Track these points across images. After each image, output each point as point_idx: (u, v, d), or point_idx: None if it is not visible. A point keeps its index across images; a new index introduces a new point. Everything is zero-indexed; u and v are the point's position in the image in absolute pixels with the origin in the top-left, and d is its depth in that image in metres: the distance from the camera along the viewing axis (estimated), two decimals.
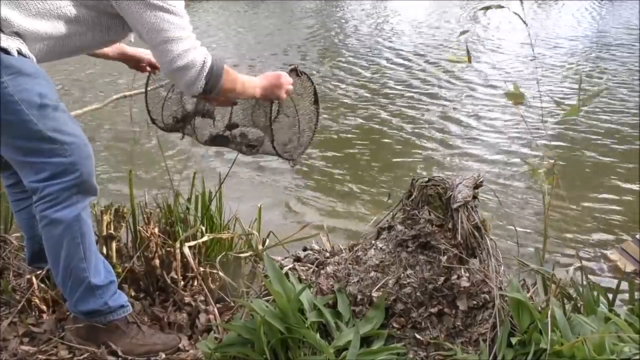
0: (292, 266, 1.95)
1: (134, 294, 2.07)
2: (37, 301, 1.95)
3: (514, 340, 1.56)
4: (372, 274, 1.80)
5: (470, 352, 1.62)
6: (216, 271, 2.09)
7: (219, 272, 2.09)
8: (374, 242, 1.92)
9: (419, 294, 1.73)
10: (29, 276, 1.99)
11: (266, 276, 1.78)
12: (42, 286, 1.98)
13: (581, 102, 1.74)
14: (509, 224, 2.94)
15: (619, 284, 1.93)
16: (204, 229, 2.34)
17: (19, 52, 1.51)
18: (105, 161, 4.16)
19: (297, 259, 2.02)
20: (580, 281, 1.92)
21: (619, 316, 1.66)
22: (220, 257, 2.22)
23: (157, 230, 2.15)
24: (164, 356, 1.79)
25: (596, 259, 2.88)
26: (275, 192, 3.73)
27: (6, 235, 2.34)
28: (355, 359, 1.56)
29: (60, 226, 1.61)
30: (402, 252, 1.82)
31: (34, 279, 1.96)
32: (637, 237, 2.79)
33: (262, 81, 1.82)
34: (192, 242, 2.19)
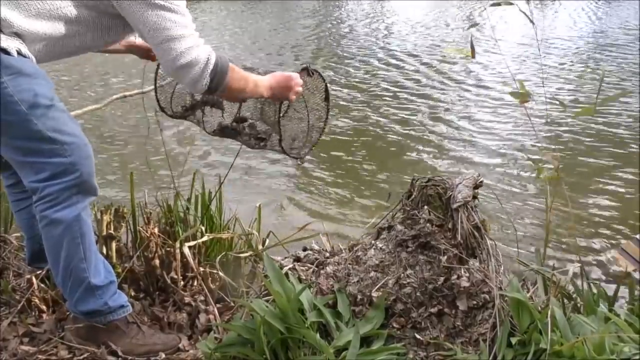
0: (292, 266, 1.95)
1: (134, 294, 2.07)
2: (37, 301, 1.95)
3: (513, 340, 1.56)
4: (372, 274, 1.80)
5: (470, 352, 1.62)
6: (216, 271, 2.09)
7: (219, 272, 2.09)
8: (373, 242, 1.92)
9: (419, 294, 1.73)
10: (29, 276, 1.99)
11: (266, 276, 1.77)
12: (42, 286, 1.98)
13: (598, 102, 1.73)
14: (508, 223, 2.94)
15: (619, 284, 1.93)
16: (203, 229, 2.34)
17: (19, 53, 1.51)
18: (105, 161, 4.16)
19: (297, 259, 2.02)
20: (580, 281, 1.92)
21: (618, 316, 1.66)
22: (220, 257, 2.22)
23: (157, 230, 2.15)
24: (163, 356, 1.79)
25: (596, 259, 2.88)
26: (275, 192, 3.73)
27: (6, 235, 2.34)
28: (355, 359, 1.55)
29: (60, 226, 1.61)
30: (402, 252, 1.82)
31: (34, 279, 1.96)
32: (637, 237, 2.78)
33: (270, 82, 1.78)
34: (192, 242, 2.19)
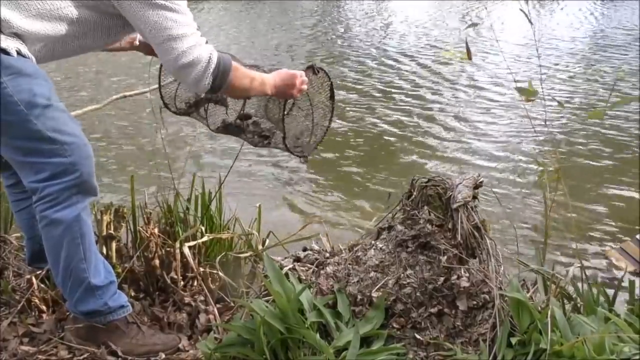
0: (292, 266, 1.94)
1: (133, 294, 2.07)
2: (37, 301, 1.95)
3: (513, 340, 1.56)
4: (372, 274, 1.80)
5: (470, 352, 1.62)
6: (216, 271, 2.09)
7: (219, 272, 2.09)
8: (373, 242, 1.92)
9: (418, 294, 1.73)
10: (28, 276, 1.98)
11: (266, 276, 1.77)
12: (42, 286, 1.98)
13: (608, 106, 1.73)
14: (508, 224, 2.94)
15: (619, 284, 1.93)
16: (203, 229, 2.34)
17: (19, 53, 1.51)
18: (105, 161, 4.16)
19: (297, 259, 2.01)
20: (580, 281, 1.92)
21: (618, 316, 1.66)
22: (220, 257, 2.21)
23: (157, 230, 2.15)
24: (163, 356, 1.79)
25: (596, 259, 2.88)
26: (275, 193, 3.73)
27: (6, 235, 2.34)
28: (355, 359, 1.55)
29: (60, 226, 1.61)
30: (402, 252, 1.82)
31: (33, 279, 1.95)
32: (637, 237, 2.79)
33: (275, 80, 1.78)
34: (192, 242, 2.19)
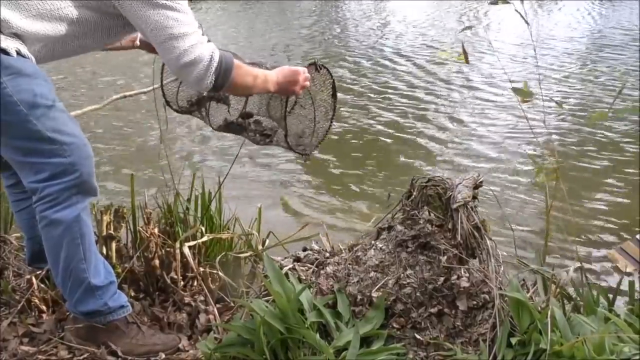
0: (292, 266, 1.95)
1: (133, 294, 2.07)
2: (36, 301, 1.95)
3: (513, 340, 1.56)
4: (372, 274, 1.80)
5: (470, 352, 1.62)
6: (216, 271, 2.09)
7: (219, 272, 2.09)
8: (373, 242, 1.92)
9: (418, 294, 1.73)
10: (28, 276, 1.98)
11: (266, 276, 1.77)
12: (42, 286, 1.98)
13: (612, 110, 1.73)
14: (508, 224, 2.94)
15: (619, 284, 1.93)
16: (203, 229, 2.34)
17: (18, 53, 1.51)
18: (104, 161, 4.16)
19: (297, 259, 2.02)
20: (580, 281, 1.92)
21: (618, 316, 1.66)
22: (220, 257, 2.21)
23: (157, 230, 2.15)
24: (163, 356, 1.79)
25: (596, 259, 2.88)
26: (274, 193, 3.73)
27: (6, 235, 2.34)
28: (355, 359, 1.55)
29: (60, 227, 1.61)
30: (402, 252, 1.82)
31: (33, 279, 1.95)
32: (637, 237, 2.78)
33: (277, 77, 1.77)
34: (192, 242, 2.19)
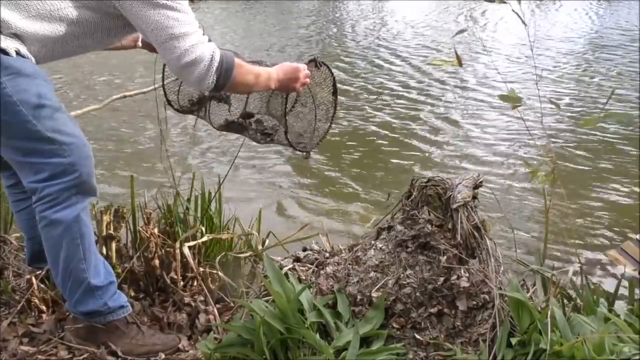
0: (291, 266, 1.95)
1: (133, 294, 2.07)
2: (36, 301, 1.95)
3: (513, 340, 1.56)
4: (372, 274, 1.80)
5: (470, 352, 1.62)
6: (216, 271, 2.09)
7: (219, 272, 2.09)
8: (373, 242, 1.91)
9: (418, 294, 1.73)
10: (28, 276, 1.98)
11: (266, 276, 1.77)
12: (42, 286, 1.98)
13: (602, 114, 1.73)
14: (507, 224, 2.94)
15: (619, 285, 1.92)
16: (203, 229, 2.34)
17: (18, 53, 1.51)
18: (104, 161, 4.16)
19: (297, 259, 2.02)
20: (580, 281, 1.92)
21: (618, 316, 1.67)
22: (220, 257, 2.21)
23: (156, 230, 2.15)
24: (163, 356, 1.79)
25: (596, 259, 2.88)
26: (274, 193, 3.73)
27: (6, 235, 2.34)
28: (354, 359, 1.55)
29: (59, 227, 1.61)
30: (401, 252, 1.82)
31: (33, 279, 1.95)
32: (637, 237, 2.78)
33: (278, 74, 1.78)
34: (192, 243, 2.19)
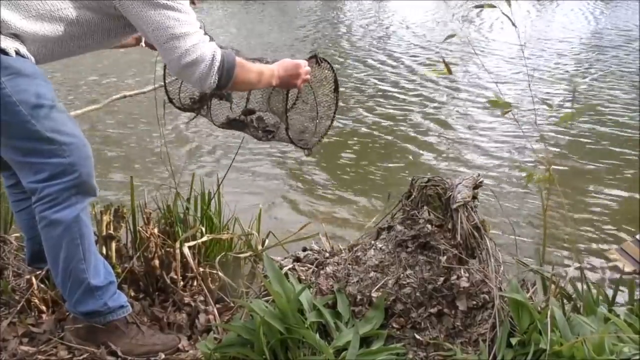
0: (291, 266, 1.95)
1: (133, 294, 2.07)
2: (36, 301, 1.95)
3: (513, 340, 1.56)
4: (372, 274, 1.80)
5: (469, 352, 1.62)
6: (216, 271, 2.09)
7: (219, 272, 2.09)
8: (373, 242, 1.92)
9: (418, 294, 1.73)
10: (28, 276, 1.98)
11: (266, 276, 1.78)
12: (42, 286, 1.98)
13: (575, 110, 1.74)
14: (507, 224, 2.94)
15: (619, 284, 1.92)
16: (203, 229, 2.34)
17: (17, 53, 1.51)
18: (104, 161, 4.16)
19: (297, 259, 2.02)
20: (579, 281, 1.92)
21: (618, 316, 1.66)
22: (219, 257, 2.21)
23: (156, 230, 2.15)
24: (163, 356, 1.79)
25: (596, 259, 2.88)
26: (274, 193, 3.73)
27: (6, 235, 2.34)
28: (354, 359, 1.56)
29: (59, 227, 1.61)
30: (401, 252, 1.82)
31: (33, 279, 1.95)
32: (637, 237, 2.79)
33: (279, 70, 1.78)
34: (192, 243, 2.19)
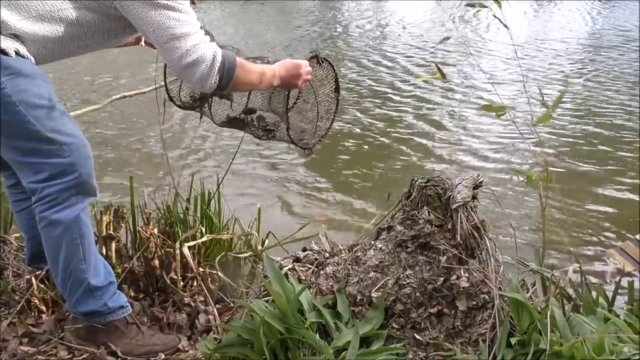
0: (291, 266, 1.95)
1: (133, 294, 2.07)
2: (36, 302, 1.95)
3: (513, 340, 1.56)
4: (372, 274, 1.80)
5: (469, 352, 1.62)
6: (216, 271, 2.09)
7: (219, 272, 2.09)
8: (373, 242, 1.91)
9: (418, 294, 1.73)
10: (28, 276, 1.98)
11: (266, 277, 1.78)
12: (42, 287, 1.98)
13: (550, 108, 1.74)
14: (507, 224, 2.94)
15: (618, 284, 1.93)
16: (203, 229, 2.34)
17: (17, 53, 1.51)
18: (104, 161, 4.16)
19: (297, 260, 2.02)
20: (579, 282, 1.92)
21: (618, 316, 1.66)
22: (219, 257, 2.21)
23: (156, 230, 2.15)
24: (163, 357, 1.79)
25: (595, 260, 2.88)
26: (274, 193, 3.74)
27: (6, 235, 2.34)
28: (354, 359, 1.56)
29: (59, 227, 1.61)
30: (401, 252, 1.82)
31: (33, 279, 1.95)
32: (637, 237, 2.79)
33: (280, 70, 1.78)
34: (192, 243, 2.19)
